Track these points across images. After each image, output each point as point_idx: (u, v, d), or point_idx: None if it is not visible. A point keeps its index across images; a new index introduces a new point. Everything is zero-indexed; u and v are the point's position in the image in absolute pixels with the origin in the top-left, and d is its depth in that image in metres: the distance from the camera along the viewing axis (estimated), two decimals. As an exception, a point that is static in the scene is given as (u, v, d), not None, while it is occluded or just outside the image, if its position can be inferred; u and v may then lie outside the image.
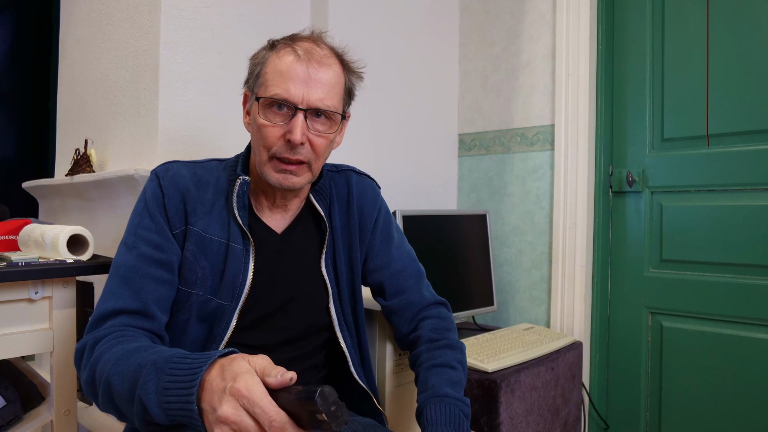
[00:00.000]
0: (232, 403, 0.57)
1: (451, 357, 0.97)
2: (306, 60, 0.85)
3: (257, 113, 0.87)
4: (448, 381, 0.94)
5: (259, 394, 0.56)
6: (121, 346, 0.75)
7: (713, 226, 1.69)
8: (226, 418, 0.57)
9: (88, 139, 1.63)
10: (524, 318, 2.00)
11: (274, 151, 0.86)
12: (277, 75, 0.85)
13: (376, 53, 1.84)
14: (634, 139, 1.85)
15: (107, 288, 0.85)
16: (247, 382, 0.57)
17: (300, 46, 0.87)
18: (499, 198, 2.08)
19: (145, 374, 0.67)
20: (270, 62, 0.87)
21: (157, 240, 0.87)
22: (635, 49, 1.85)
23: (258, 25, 1.59)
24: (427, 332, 1.01)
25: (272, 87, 0.85)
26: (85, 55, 1.74)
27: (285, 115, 0.85)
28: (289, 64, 0.85)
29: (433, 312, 1.05)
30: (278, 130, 0.85)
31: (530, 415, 1.50)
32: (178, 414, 0.63)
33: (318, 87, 0.85)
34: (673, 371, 1.76)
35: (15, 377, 1.22)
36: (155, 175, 0.92)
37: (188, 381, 0.62)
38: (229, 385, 0.58)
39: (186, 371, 0.64)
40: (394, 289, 1.04)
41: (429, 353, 0.98)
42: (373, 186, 1.07)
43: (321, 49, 0.88)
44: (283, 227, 0.97)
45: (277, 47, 0.88)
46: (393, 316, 1.06)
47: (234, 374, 0.59)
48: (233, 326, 0.88)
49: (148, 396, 0.65)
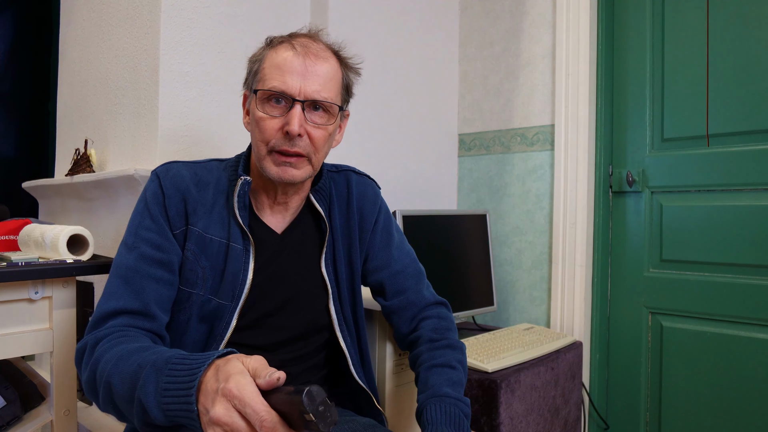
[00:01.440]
0: (224, 403, 0.57)
1: (451, 357, 0.97)
2: (303, 53, 0.86)
3: (255, 107, 0.88)
4: (448, 381, 0.94)
5: (250, 395, 0.56)
6: (122, 346, 0.75)
7: (713, 226, 1.69)
8: (218, 419, 0.57)
9: (88, 139, 1.63)
10: (524, 318, 2.00)
11: (273, 144, 0.87)
12: (275, 68, 0.86)
13: (376, 53, 1.85)
14: (634, 139, 1.85)
15: (108, 288, 0.85)
16: (238, 382, 0.57)
17: (297, 41, 0.88)
18: (499, 198, 2.08)
19: (144, 375, 0.67)
20: (267, 58, 0.89)
21: (158, 240, 0.87)
22: (635, 49, 1.85)
23: (258, 24, 1.59)
24: (428, 332, 1.01)
25: (270, 80, 0.86)
26: (85, 55, 1.74)
27: (283, 108, 0.86)
28: (286, 57, 0.86)
29: (433, 312, 1.05)
30: (276, 122, 0.86)
31: (530, 415, 1.50)
32: (178, 415, 0.63)
33: (315, 79, 0.86)
34: (673, 371, 1.76)
35: (15, 377, 1.22)
36: (156, 175, 0.92)
37: (187, 382, 0.62)
38: (221, 385, 0.58)
39: (185, 372, 0.64)
40: (394, 289, 1.04)
41: (429, 353, 0.98)
42: (373, 186, 1.07)
43: (317, 44, 0.90)
44: (283, 227, 0.97)
45: (274, 44, 0.90)
46: (393, 316, 1.06)
47: (227, 375, 0.58)
48: (233, 326, 0.88)
49: (147, 397, 0.65)
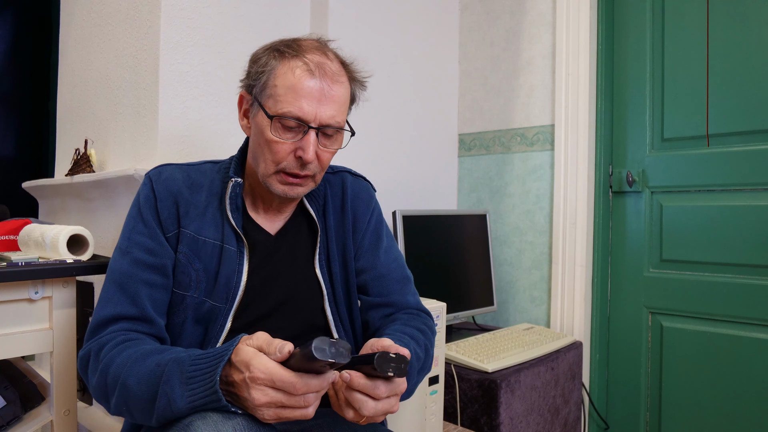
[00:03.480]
0: (258, 388, 0.66)
1: (421, 336, 0.93)
2: (319, 76, 0.84)
3: (267, 128, 0.85)
4: (414, 342, 0.89)
5: (272, 370, 0.65)
6: (132, 349, 0.77)
7: (713, 226, 1.69)
8: (261, 402, 0.66)
9: (88, 139, 1.63)
10: (524, 318, 2.00)
11: (283, 166, 0.87)
12: (290, 91, 0.84)
13: (375, 53, 1.85)
14: (634, 139, 1.85)
15: (104, 294, 0.86)
16: (258, 364, 0.66)
17: (310, 59, 0.85)
18: (499, 198, 2.08)
19: (167, 371, 0.71)
20: (280, 74, 0.85)
21: (150, 244, 0.87)
22: (635, 49, 1.85)
23: (258, 25, 1.59)
24: (400, 321, 0.97)
25: (284, 104, 0.84)
26: (85, 55, 1.74)
27: (296, 133, 0.85)
28: (301, 80, 0.84)
29: (410, 312, 1.01)
30: (288, 146, 0.86)
31: (530, 415, 1.50)
32: (203, 394, 0.68)
33: (330, 105, 0.85)
34: (673, 371, 1.76)
35: (15, 377, 1.22)
36: (148, 178, 0.92)
37: (212, 366, 0.69)
38: (246, 375, 0.66)
39: (208, 360, 0.70)
40: (376, 292, 1.01)
41: (398, 324, 0.94)
42: (368, 188, 1.07)
43: (332, 63, 0.87)
44: (277, 229, 0.97)
45: (286, 57, 0.86)
46: (370, 312, 1.00)
47: (246, 363, 0.66)
48: (228, 328, 0.88)
49: (173, 389, 0.69)
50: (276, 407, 0.66)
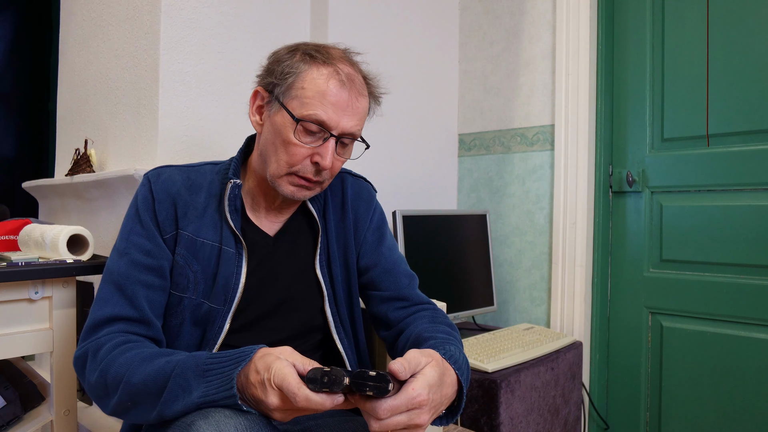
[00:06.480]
0: (275, 392, 0.67)
1: (456, 344, 0.87)
2: (349, 87, 0.86)
3: (289, 129, 0.85)
4: (456, 348, 0.82)
5: (287, 377, 0.66)
6: (136, 351, 0.77)
7: (713, 226, 1.69)
8: (276, 406, 0.67)
9: (88, 139, 1.63)
10: (524, 318, 2.00)
11: (297, 169, 0.87)
12: (319, 95, 0.84)
13: (375, 53, 1.84)
14: (634, 139, 1.85)
15: (101, 294, 0.85)
16: (278, 370, 0.67)
17: (341, 68, 0.86)
18: (499, 198, 2.08)
19: (180, 365, 0.72)
20: (309, 78, 0.85)
21: (148, 246, 0.87)
22: (635, 49, 1.85)
23: (258, 24, 1.59)
24: (426, 317, 0.96)
25: (311, 107, 0.84)
26: (85, 55, 1.74)
27: (316, 138, 0.86)
28: (333, 88, 0.84)
29: (429, 308, 1.01)
30: (306, 150, 0.86)
31: (530, 415, 1.50)
32: (221, 387, 0.69)
33: (354, 116, 0.87)
34: (673, 371, 1.76)
35: (15, 377, 1.22)
36: (147, 179, 0.92)
37: (234, 359, 0.71)
38: (265, 376, 0.68)
39: (229, 354, 0.72)
40: (386, 286, 1.00)
41: (431, 325, 0.91)
42: (369, 189, 1.07)
43: (358, 76, 0.89)
44: (276, 229, 0.97)
45: (316, 61, 0.85)
46: (382, 305, 1.00)
47: (267, 366, 0.68)
48: (226, 329, 0.88)
49: (187, 382, 0.70)
50: (290, 411, 0.68)
